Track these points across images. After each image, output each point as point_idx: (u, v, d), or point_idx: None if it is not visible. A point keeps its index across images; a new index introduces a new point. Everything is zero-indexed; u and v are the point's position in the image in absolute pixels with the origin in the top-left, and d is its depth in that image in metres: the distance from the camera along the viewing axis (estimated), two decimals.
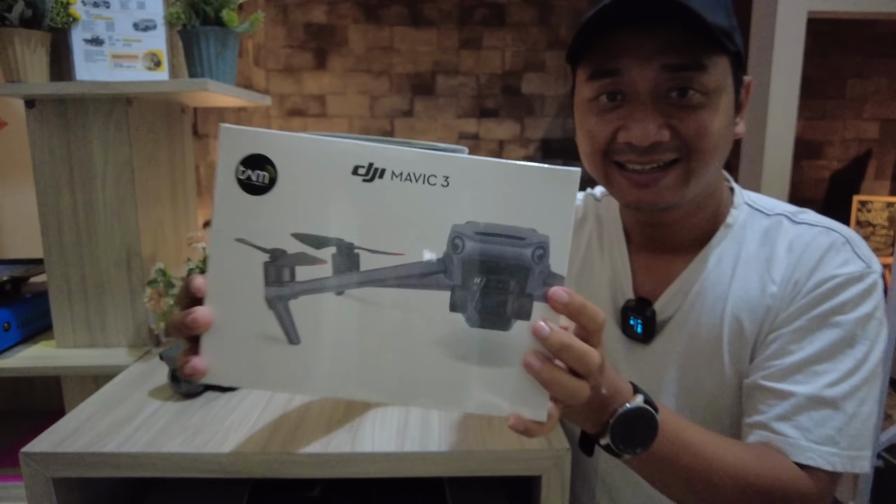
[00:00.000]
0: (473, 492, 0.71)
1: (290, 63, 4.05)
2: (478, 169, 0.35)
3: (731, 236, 0.55)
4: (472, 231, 0.35)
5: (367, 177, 0.35)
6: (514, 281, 0.35)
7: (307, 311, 0.36)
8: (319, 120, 4.13)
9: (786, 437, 0.47)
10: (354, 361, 0.37)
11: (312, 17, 4.01)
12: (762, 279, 0.52)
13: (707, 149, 0.48)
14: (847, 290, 0.49)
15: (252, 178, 0.35)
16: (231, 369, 0.37)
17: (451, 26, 4.05)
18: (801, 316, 0.50)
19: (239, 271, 0.36)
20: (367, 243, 0.36)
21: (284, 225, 0.35)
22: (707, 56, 0.47)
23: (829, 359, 0.48)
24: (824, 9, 2.27)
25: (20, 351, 0.97)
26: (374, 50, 4.05)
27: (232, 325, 0.37)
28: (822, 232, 0.52)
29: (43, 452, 0.59)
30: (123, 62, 0.93)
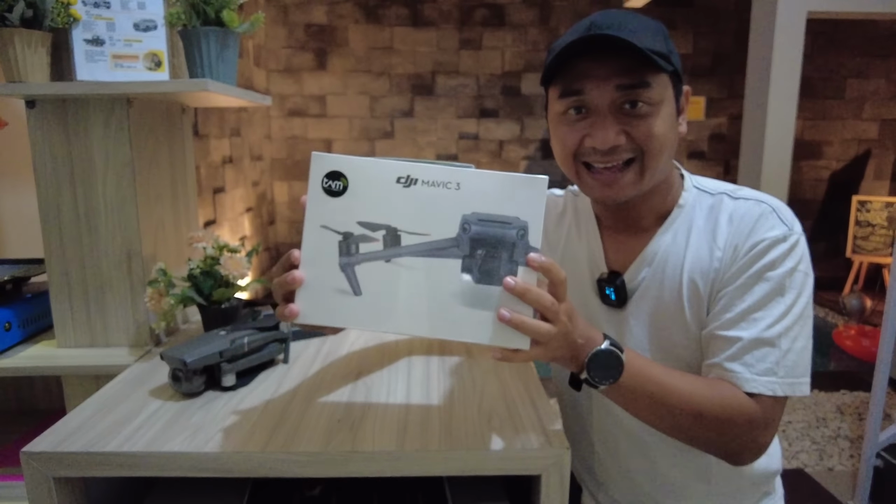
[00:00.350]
0: (473, 491, 0.71)
1: (291, 63, 4.06)
2: (478, 177, 0.52)
3: (684, 214, 0.67)
4: (475, 219, 0.52)
5: (405, 184, 0.52)
6: (504, 252, 0.51)
7: (366, 273, 0.53)
8: (320, 120, 4.13)
9: (734, 372, 0.59)
10: (396, 306, 0.53)
11: (313, 17, 4.02)
12: (710, 247, 0.64)
13: (656, 147, 0.61)
14: (774, 249, 0.60)
15: (332, 186, 0.53)
16: (315, 313, 0.53)
17: (450, 27, 4.05)
18: (741, 275, 0.61)
19: (322, 247, 0.53)
20: (405, 228, 0.52)
21: (352, 216, 0.52)
22: (650, 76, 0.59)
23: (764, 307, 0.59)
24: (823, 9, 2.27)
25: (21, 351, 0.97)
26: (374, 50, 4.06)
27: (317, 282, 0.53)
28: (754, 204, 0.64)
29: (44, 452, 0.59)
30: (124, 62, 0.93)
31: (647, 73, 0.59)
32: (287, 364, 0.84)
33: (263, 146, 3.96)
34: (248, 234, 3.63)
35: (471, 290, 0.52)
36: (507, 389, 0.75)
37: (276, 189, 4.20)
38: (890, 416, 2.04)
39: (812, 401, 2.48)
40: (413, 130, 4.18)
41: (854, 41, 4.13)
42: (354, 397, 0.72)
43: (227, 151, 3.25)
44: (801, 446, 2.11)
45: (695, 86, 4.17)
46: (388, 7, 4.01)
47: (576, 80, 0.61)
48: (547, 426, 0.64)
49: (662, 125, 0.60)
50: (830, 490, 1.84)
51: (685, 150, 4.24)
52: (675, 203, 0.67)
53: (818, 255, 4.41)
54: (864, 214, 3.82)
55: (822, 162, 4.30)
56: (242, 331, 0.79)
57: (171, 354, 0.72)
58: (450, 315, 0.52)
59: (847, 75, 4.18)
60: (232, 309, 0.92)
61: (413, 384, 0.76)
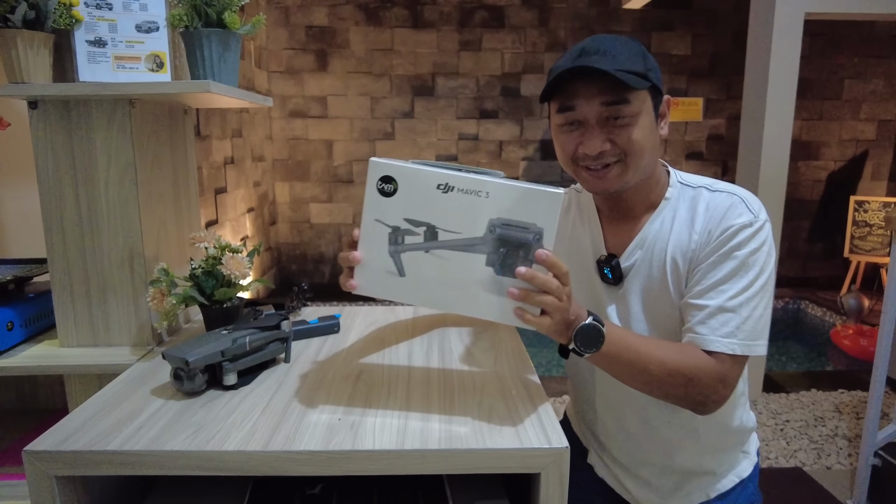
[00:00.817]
0: (473, 489, 0.72)
1: (292, 65, 4.06)
2: (505, 189, 0.61)
3: (670, 205, 0.79)
4: (500, 223, 0.62)
5: (444, 191, 0.62)
6: (522, 251, 0.62)
7: (410, 259, 0.65)
8: (321, 121, 4.14)
9: (701, 335, 0.70)
10: (432, 287, 0.65)
11: (314, 19, 4.02)
12: (689, 231, 0.76)
13: (636, 151, 0.73)
14: (741, 233, 0.72)
15: (385, 188, 0.63)
16: (370, 287, 0.65)
17: (450, 28, 4.06)
18: (712, 254, 0.73)
19: (375, 236, 0.64)
20: (442, 226, 0.63)
21: (400, 213, 0.63)
22: (629, 93, 0.71)
23: (729, 280, 0.71)
24: (821, 10, 2.28)
25: (23, 350, 0.97)
26: (374, 52, 4.06)
27: (371, 264, 0.65)
28: (726, 196, 0.76)
29: (46, 451, 0.60)
30: (126, 63, 0.93)
31: (626, 91, 0.71)
32: (288, 363, 0.85)
33: (265, 147, 3.96)
34: (250, 234, 3.63)
35: (492, 280, 0.63)
36: (507, 389, 0.75)
37: (277, 189, 4.21)
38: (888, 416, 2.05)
39: (810, 400, 2.49)
40: (413, 131, 4.18)
41: (852, 42, 4.14)
42: (355, 396, 0.73)
43: (229, 152, 3.25)
44: (800, 445, 2.11)
45: (693, 87, 4.18)
46: (388, 9, 4.01)
47: (569, 98, 0.74)
48: (546, 425, 0.65)
49: (641, 133, 0.73)
50: (829, 489, 1.85)
51: (683, 151, 4.25)
52: (662, 196, 0.79)
53: (816, 255, 4.42)
54: (861, 214, 3.83)
55: (819, 162, 4.31)
56: (244, 330, 0.79)
57: (172, 354, 0.72)
58: (474, 297, 0.64)
59: (845, 76, 4.19)
60: (233, 308, 0.92)
61: (413, 383, 0.77)
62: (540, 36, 4.09)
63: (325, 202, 4.24)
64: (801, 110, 4.14)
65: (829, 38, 4.13)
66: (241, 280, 0.93)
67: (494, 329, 1.00)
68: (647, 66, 0.72)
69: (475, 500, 0.70)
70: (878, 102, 4.23)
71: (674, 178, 0.80)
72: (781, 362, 3.27)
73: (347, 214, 4.26)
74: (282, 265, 4.30)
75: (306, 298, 1.13)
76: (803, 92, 4.00)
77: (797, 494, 1.82)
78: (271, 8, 3.95)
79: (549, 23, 4.07)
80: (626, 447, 0.88)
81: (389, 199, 0.63)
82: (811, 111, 4.22)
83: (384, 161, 0.62)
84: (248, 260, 0.94)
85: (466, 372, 0.81)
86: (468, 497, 0.70)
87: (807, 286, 4.33)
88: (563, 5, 4.05)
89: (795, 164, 4.23)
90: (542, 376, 0.78)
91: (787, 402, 2.46)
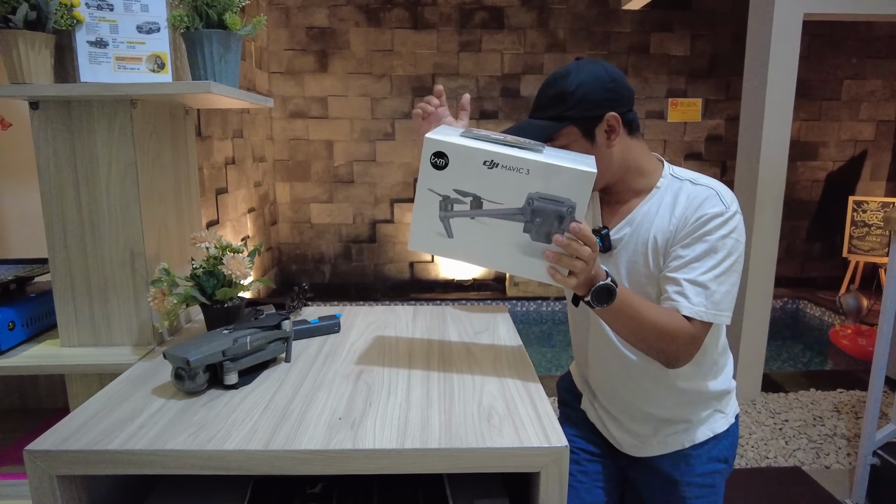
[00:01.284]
0: (473, 488, 0.72)
1: (293, 65, 4.06)
2: (544, 167, 0.70)
3: (658, 194, 0.91)
4: (538, 196, 0.71)
5: (489, 167, 0.71)
6: (555, 222, 0.72)
7: (457, 224, 0.74)
8: (321, 122, 4.14)
9: (677, 302, 0.83)
10: (476, 248, 0.75)
11: (314, 20, 4.02)
12: (670, 216, 0.88)
13: None
14: (712, 221, 0.84)
15: (437, 163, 0.71)
16: (423, 244, 0.76)
17: (450, 29, 4.06)
18: (687, 237, 0.85)
19: (428, 203, 0.74)
20: (487, 197, 0.72)
21: (450, 184, 0.72)
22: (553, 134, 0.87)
23: (700, 260, 0.84)
24: (820, 11, 2.29)
25: (25, 350, 0.97)
26: (374, 52, 4.06)
27: (424, 224, 0.74)
28: (704, 189, 0.87)
29: (47, 450, 0.60)
30: (127, 64, 0.93)
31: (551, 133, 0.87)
32: (289, 363, 0.85)
33: (265, 147, 3.96)
34: (251, 234, 3.63)
35: (528, 244, 0.73)
36: (507, 388, 0.75)
37: (278, 190, 4.21)
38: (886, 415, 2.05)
39: (809, 399, 2.49)
40: (413, 132, 4.19)
41: (850, 43, 4.15)
42: (355, 396, 0.73)
43: (230, 152, 3.25)
44: (799, 444, 2.12)
45: (692, 87, 4.18)
46: (388, 10, 4.02)
47: None
48: (546, 424, 0.65)
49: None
50: (828, 488, 1.85)
51: (682, 151, 4.25)
52: (653, 185, 0.92)
53: (815, 255, 4.43)
54: (860, 215, 3.83)
55: (818, 163, 4.32)
56: (245, 330, 0.80)
57: (174, 353, 0.72)
58: (512, 258, 0.74)
59: (843, 77, 4.19)
60: (234, 308, 0.93)
61: (413, 383, 0.77)
62: (539, 37, 4.09)
63: (325, 202, 4.24)
64: (799, 111, 4.15)
65: (827, 39, 4.13)
66: (241, 280, 0.93)
67: (494, 329, 1.01)
68: (566, 107, 0.86)
69: (475, 499, 0.70)
70: (876, 103, 4.24)
71: (666, 170, 0.93)
72: (780, 362, 3.28)
73: (348, 214, 4.26)
74: (282, 265, 4.30)
75: (307, 298, 1.13)
76: (802, 92, 4.01)
77: (796, 494, 1.82)
78: (272, 9, 3.96)
79: (548, 24, 4.08)
80: (610, 394, 1.01)
81: (441, 171, 0.71)
82: (810, 111, 4.23)
83: (438, 137, 0.71)
84: (248, 260, 0.94)
85: (466, 372, 0.81)
86: (468, 496, 0.71)
87: (806, 286, 4.33)
88: (562, 6, 4.05)
89: (794, 165, 4.23)
90: (541, 376, 0.79)
91: (787, 402, 2.46)
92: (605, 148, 0.87)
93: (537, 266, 0.74)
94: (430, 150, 0.71)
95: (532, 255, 0.73)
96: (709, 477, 0.97)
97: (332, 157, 4.18)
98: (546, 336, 3.61)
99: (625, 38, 4.10)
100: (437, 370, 0.82)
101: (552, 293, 3.97)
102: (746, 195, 2.42)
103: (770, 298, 2.47)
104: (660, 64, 4.14)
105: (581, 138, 0.87)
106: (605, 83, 0.86)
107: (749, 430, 2.22)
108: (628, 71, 4.14)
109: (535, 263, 0.74)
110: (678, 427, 0.96)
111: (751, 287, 2.43)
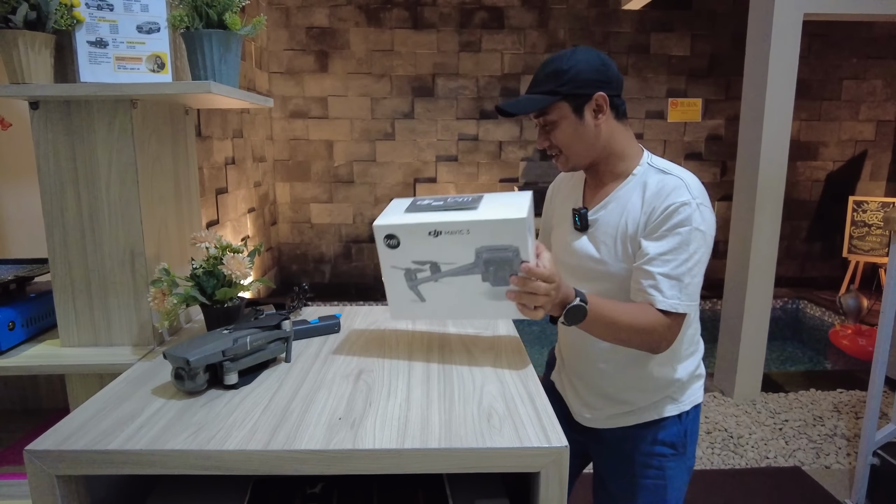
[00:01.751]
0: (473, 488, 0.72)
1: (293, 65, 4.06)
2: (480, 224, 0.77)
3: (634, 181, 0.96)
4: (485, 249, 0.78)
5: (434, 235, 0.79)
6: (507, 266, 0.78)
7: (426, 289, 0.83)
8: (321, 122, 4.14)
9: (653, 296, 0.88)
10: (446, 305, 0.84)
11: (314, 20, 4.02)
12: (641, 202, 0.93)
13: (565, 145, 0.96)
14: (679, 212, 0.88)
15: (391, 243, 0.81)
16: (401, 314, 0.86)
17: (450, 29, 4.06)
18: (657, 229, 0.90)
19: (395, 277, 0.83)
20: (441, 260, 0.80)
21: (408, 258, 0.81)
22: (546, 109, 0.93)
23: (673, 252, 0.88)
24: (820, 11, 2.29)
25: (25, 350, 0.97)
26: (374, 53, 4.06)
27: (398, 297, 0.85)
28: (673, 179, 0.92)
29: (47, 450, 0.60)
30: (127, 64, 0.93)
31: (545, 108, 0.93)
32: (289, 363, 0.85)
33: (265, 147, 3.96)
34: (251, 234, 3.63)
35: (491, 291, 0.81)
36: (507, 388, 0.75)
37: (278, 190, 4.21)
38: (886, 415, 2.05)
39: (809, 399, 2.49)
40: (413, 132, 4.19)
41: (850, 43, 4.15)
42: (355, 396, 0.73)
43: (230, 152, 3.25)
44: (799, 444, 2.12)
45: (692, 87, 4.18)
46: (388, 10, 4.02)
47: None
48: (546, 424, 0.65)
49: (563, 133, 0.95)
50: (827, 488, 1.85)
51: (682, 151, 4.25)
52: (631, 171, 0.97)
53: (815, 255, 4.43)
54: (860, 215, 3.83)
55: (818, 163, 4.32)
56: (245, 330, 0.80)
57: (174, 353, 0.72)
58: (480, 306, 0.82)
59: (843, 77, 4.20)
60: (234, 308, 0.93)
61: (413, 383, 0.77)
62: (539, 37, 4.09)
63: (325, 202, 4.24)
64: (799, 111, 4.15)
65: (827, 39, 4.13)
66: (241, 280, 0.93)
67: (495, 329, 1.01)
68: (559, 83, 0.91)
69: (475, 499, 0.70)
70: (876, 103, 4.24)
71: (645, 158, 0.98)
72: (780, 362, 3.28)
73: (348, 214, 4.26)
74: (282, 265, 4.30)
75: (307, 298, 1.13)
76: (802, 92, 4.01)
77: (796, 494, 1.82)
78: (272, 9, 3.96)
79: (548, 24, 4.08)
80: (573, 366, 1.09)
81: (396, 249, 0.80)
82: (810, 112, 4.23)
83: (384, 223, 0.80)
84: (248, 260, 0.94)
85: (466, 372, 0.81)
86: (468, 496, 0.71)
87: (805, 286, 4.33)
88: (562, 6, 4.05)
89: (794, 165, 4.23)
90: (541, 376, 0.79)
91: (787, 402, 2.46)
92: (593, 126, 0.94)
93: (506, 307, 0.80)
94: (380, 234, 0.80)
95: (498, 299, 0.80)
96: (655, 459, 1.01)
97: (332, 157, 4.18)
98: (546, 336, 3.61)
99: (625, 38, 4.10)
100: (437, 370, 0.82)
101: None
102: (746, 195, 2.42)
103: (770, 298, 2.47)
104: (660, 64, 4.14)
105: (571, 114, 0.93)
106: (597, 66, 0.92)
107: (749, 430, 2.22)
108: (628, 71, 4.15)
109: (503, 305, 0.81)
110: (626, 407, 1.02)
111: (751, 287, 2.43)
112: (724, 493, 1.82)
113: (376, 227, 0.79)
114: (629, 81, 4.14)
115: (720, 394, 2.53)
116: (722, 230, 4.94)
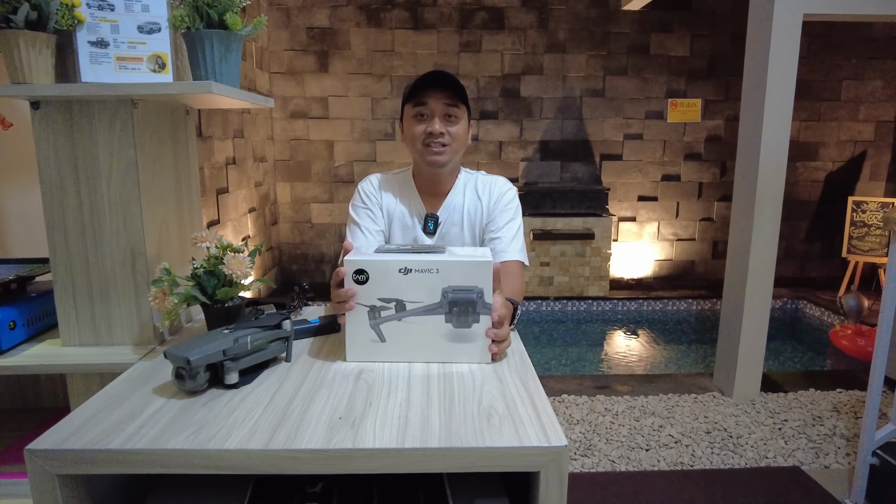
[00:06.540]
0: (473, 487, 0.72)
1: (293, 66, 4.06)
2: (450, 265, 0.82)
3: (460, 185, 1.23)
4: (451, 290, 0.82)
5: (404, 273, 0.82)
6: (470, 308, 0.83)
7: (387, 328, 0.84)
8: (322, 122, 4.14)
9: (508, 253, 1.16)
10: (408, 346, 0.85)
11: (315, 20, 4.02)
12: (478, 197, 1.22)
13: (458, 140, 1.16)
14: (507, 195, 1.22)
15: (359, 279, 0.82)
16: (360, 354, 0.85)
17: (451, 30, 4.06)
18: (495, 210, 1.20)
19: (359, 314, 0.84)
20: (407, 299, 0.83)
21: (374, 295, 0.83)
22: (459, 103, 1.13)
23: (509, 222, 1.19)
24: (820, 11, 2.29)
25: (26, 349, 0.98)
26: (375, 53, 4.06)
27: (358, 335, 0.85)
28: (494, 177, 1.24)
29: (48, 450, 0.60)
30: (128, 64, 0.94)
31: (459, 102, 1.13)
32: (289, 362, 0.85)
33: (266, 147, 3.97)
34: (251, 234, 3.63)
35: (452, 332, 0.84)
36: (506, 388, 0.76)
37: (278, 190, 4.21)
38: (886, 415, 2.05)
39: (809, 399, 2.49)
40: None
41: (850, 43, 4.15)
42: (356, 395, 0.73)
43: (231, 152, 3.26)
44: (798, 444, 2.12)
45: (691, 88, 4.19)
46: (389, 10, 4.02)
47: (423, 98, 1.13)
48: (545, 424, 0.65)
49: (461, 130, 1.15)
50: (827, 488, 1.85)
51: (682, 152, 4.25)
52: (456, 180, 1.23)
53: (814, 255, 4.43)
54: (859, 215, 3.83)
55: (818, 163, 4.32)
56: (245, 329, 0.80)
57: (174, 353, 0.72)
58: (441, 348, 0.84)
59: (843, 77, 4.20)
60: (235, 308, 0.93)
61: (413, 383, 0.77)
62: (539, 37, 4.09)
63: (325, 202, 4.24)
64: (799, 111, 4.15)
65: (827, 40, 4.14)
66: (242, 280, 0.93)
67: None
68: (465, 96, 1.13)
69: (475, 498, 0.70)
70: (876, 103, 4.24)
71: (461, 169, 1.25)
72: (780, 362, 3.28)
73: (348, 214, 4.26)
74: (283, 265, 4.30)
75: (307, 298, 1.13)
76: (802, 93, 4.01)
77: (796, 494, 1.82)
78: (272, 9, 3.96)
79: (548, 24, 4.08)
80: None
81: (364, 285, 0.82)
82: (810, 112, 4.23)
83: (356, 258, 0.82)
84: (249, 260, 0.94)
85: (466, 371, 0.81)
86: (468, 495, 0.71)
87: (805, 286, 4.33)
88: (562, 7, 4.05)
89: (794, 165, 4.23)
90: (541, 376, 0.79)
91: (786, 402, 2.46)
92: (467, 137, 1.19)
93: (464, 350, 0.83)
94: (351, 268, 0.81)
95: (457, 342, 0.83)
96: None
97: (333, 157, 4.18)
98: (546, 336, 3.61)
99: (625, 38, 4.10)
100: (437, 370, 0.82)
101: (552, 293, 3.97)
102: (746, 195, 2.43)
103: (769, 298, 2.47)
104: (659, 64, 4.14)
105: (466, 122, 1.18)
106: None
107: (748, 430, 2.22)
108: (628, 71, 4.15)
109: (461, 348, 0.83)
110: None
111: (750, 287, 2.43)
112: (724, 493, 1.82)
113: (347, 261, 0.81)
114: (629, 82, 4.15)
115: (719, 393, 2.53)
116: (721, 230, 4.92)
